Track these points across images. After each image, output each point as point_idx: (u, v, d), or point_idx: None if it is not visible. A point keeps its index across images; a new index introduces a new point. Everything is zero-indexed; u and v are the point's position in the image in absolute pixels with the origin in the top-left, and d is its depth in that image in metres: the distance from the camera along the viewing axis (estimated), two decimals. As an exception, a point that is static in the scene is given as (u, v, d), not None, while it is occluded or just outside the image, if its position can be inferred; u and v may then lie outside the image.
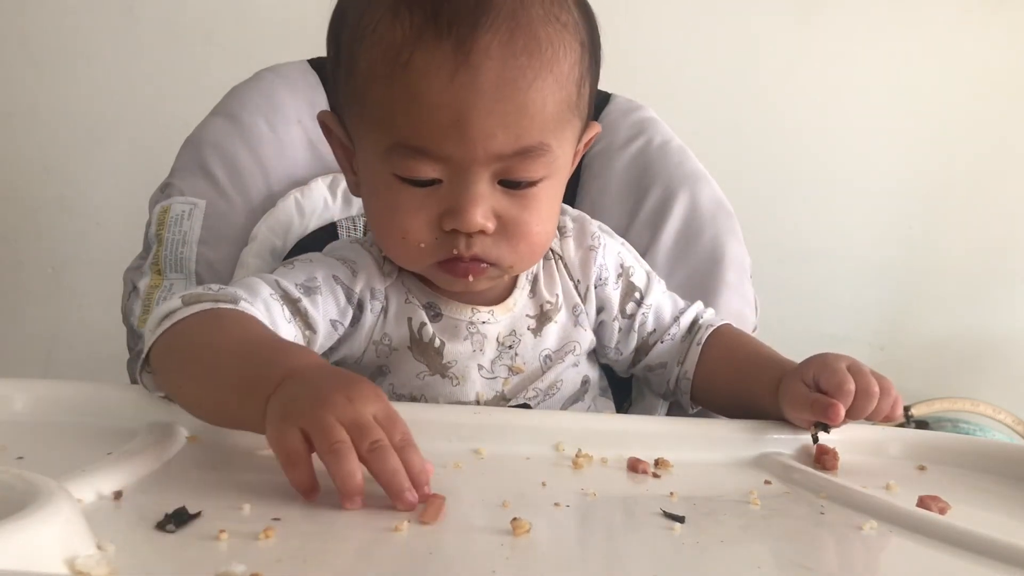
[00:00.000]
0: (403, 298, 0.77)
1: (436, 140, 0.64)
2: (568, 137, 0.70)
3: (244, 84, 0.98)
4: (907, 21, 1.79)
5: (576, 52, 0.67)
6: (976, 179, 1.85)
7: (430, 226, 0.68)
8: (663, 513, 0.52)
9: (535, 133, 0.66)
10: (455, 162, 0.65)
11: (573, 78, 0.67)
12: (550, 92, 0.65)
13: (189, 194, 0.90)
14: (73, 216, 1.64)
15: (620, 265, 0.84)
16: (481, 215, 0.67)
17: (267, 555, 0.40)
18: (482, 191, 0.67)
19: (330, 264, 0.75)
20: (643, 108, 1.05)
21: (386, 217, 0.71)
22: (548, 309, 0.80)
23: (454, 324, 0.77)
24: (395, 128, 0.66)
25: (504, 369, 0.78)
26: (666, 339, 0.83)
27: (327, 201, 0.94)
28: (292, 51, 1.04)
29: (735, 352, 0.81)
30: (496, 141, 0.64)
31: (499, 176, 0.67)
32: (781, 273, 1.74)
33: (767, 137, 1.79)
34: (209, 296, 0.63)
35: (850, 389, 0.67)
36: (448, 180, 0.67)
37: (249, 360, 0.57)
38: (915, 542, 0.51)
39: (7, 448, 0.53)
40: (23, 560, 0.32)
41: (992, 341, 1.88)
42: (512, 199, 0.68)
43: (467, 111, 0.63)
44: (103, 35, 1.61)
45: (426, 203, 0.68)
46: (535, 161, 0.67)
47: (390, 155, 0.67)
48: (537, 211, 0.70)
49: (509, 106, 0.64)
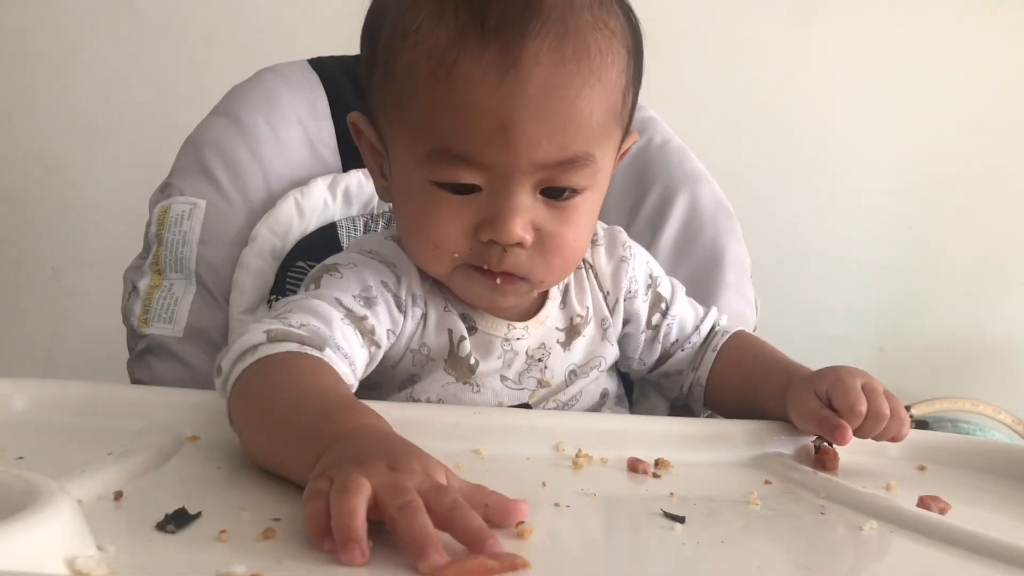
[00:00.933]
0: (442, 306, 0.74)
1: (480, 147, 0.62)
2: (610, 147, 0.68)
3: (244, 84, 0.98)
4: (907, 21, 1.78)
5: (623, 59, 0.65)
6: (976, 179, 1.85)
7: (466, 235, 0.66)
8: (663, 513, 0.52)
9: (581, 143, 0.63)
10: (497, 170, 0.63)
11: (620, 86, 0.65)
12: (598, 101, 0.63)
13: (189, 194, 0.90)
14: (73, 216, 1.64)
15: (649, 276, 0.83)
16: (521, 227, 0.64)
17: (267, 555, 0.40)
18: (523, 202, 0.64)
19: (376, 269, 0.72)
20: (643, 108, 1.05)
21: (421, 223, 0.68)
22: (578, 323, 0.78)
23: (488, 340, 0.74)
24: (437, 133, 0.63)
25: (533, 381, 0.76)
26: (686, 347, 0.83)
27: (327, 201, 0.94)
28: (292, 51, 1.04)
29: (746, 357, 0.81)
30: (541, 150, 0.62)
31: (541, 186, 0.65)
32: (781, 273, 1.74)
33: (767, 137, 1.78)
34: (295, 336, 0.61)
35: (861, 411, 0.66)
36: (488, 188, 0.64)
37: (310, 416, 0.53)
38: (915, 542, 0.51)
39: (7, 448, 0.53)
40: (23, 561, 0.32)
41: (992, 341, 1.88)
42: (552, 211, 0.66)
43: (513, 118, 0.61)
44: (103, 35, 1.61)
45: (463, 211, 0.65)
46: (579, 172, 0.65)
47: (430, 160, 0.64)
48: (576, 224, 0.67)
49: (556, 114, 0.61)
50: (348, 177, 0.95)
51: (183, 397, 0.65)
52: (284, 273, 0.91)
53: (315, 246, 0.93)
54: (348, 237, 0.95)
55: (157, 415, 0.61)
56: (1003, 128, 1.83)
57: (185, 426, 0.60)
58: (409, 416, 0.65)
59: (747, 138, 1.77)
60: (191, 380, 0.84)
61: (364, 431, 0.50)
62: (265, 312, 0.89)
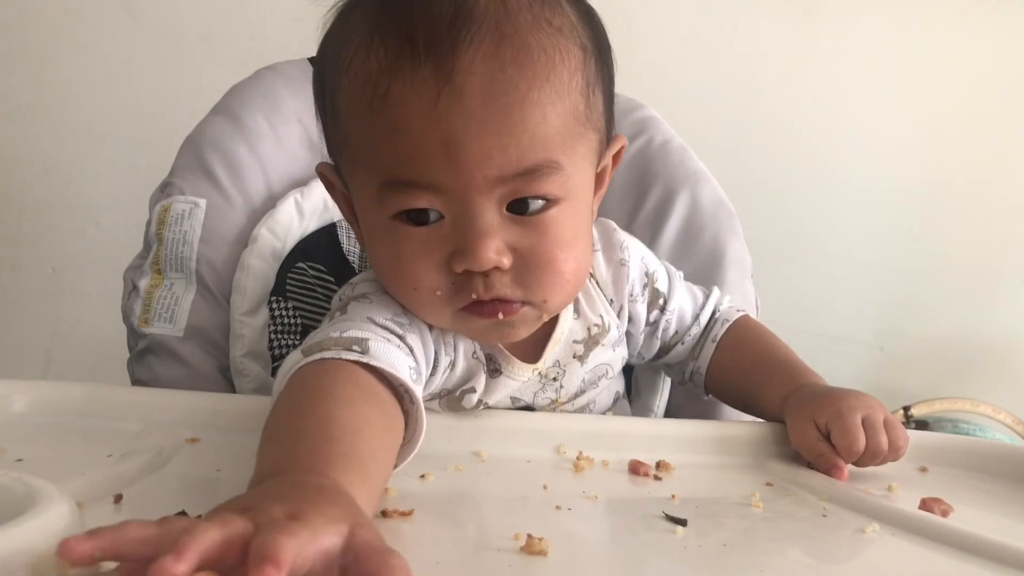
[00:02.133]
0: (471, 352, 0.70)
1: (427, 170, 0.58)
2: (582, 152, 0.63)
3: (244, 83, 0.98)
4: (907, 21, 1.78)
5: (577, 57, 0.61)
6: (976, 179, 1.85)
7: (440, 270, 0.61)
8: (665, 516, 0.52)
9: (539, 150, 0.58)
10: (453, 193, 0.59)
11: (576, 86, 0.60)
12: (550, 103, 0.58)
13: (190, 193, 0.90)
14: (73, 216, 1.64)
15: (645, 274, 0.80)
16: (493, 250, 0.59)
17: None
18: (489, 222, 0.59)
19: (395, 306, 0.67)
20: (644, 107, 1.05)
21: (392, 266, 0.63)
22: (596, 333, 0.75)
23: (508, 382, 0.71)
24: (384, 163, 0.59)
25: (547, 400, 0.74)
26: (687, 339, 0.82)
27: (327, 202, 0.94)
28: (292, 50, 1.04)
29: (745, 352, 0.80)
30: (493, 164, 0.57)
31: (506, 201, 0.60)
32: (781, 273, 1.74)
33: (768, 136, 1.78)
34: (331, 342, 0.57)
35: (859, 450, 0.65)
36: (449, 215, 0.60)
37: (283, 450, 0.47)
38: (917, 545, 0.51)
39: (7, 450, 0.53)
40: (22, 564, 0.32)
41: (992, 341, 1.88)
42: (526, 228, 0.61)
43: (455, 135, 0.56)
44: (103, 35, 1.61)
45: (430, 245, 0.60)
46: (544, 181, 0.59)
47: (383, 195, 0.60)
48: (556, 237, 0.61)
49: (503, 123, 0.57)
50: (348, 177, 0.95)
51: (183, 399, 0.65)
52: (284, 274, 0.91)
53: (315, 247, 0.93)
54: (348, 238, 0.95)
55: (157, 417, 0.61)
56: (1003, 128, 1.83)
57: (185, 428, 0.60)
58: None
59: (748, 137, 1.76)
60: (191, 379, 0.84)
61: (297, 477, 0.42)
62: (266, 313, 0.89)
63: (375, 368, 0.55)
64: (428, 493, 0.53)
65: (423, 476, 0.56)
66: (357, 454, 0.46)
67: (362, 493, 0.43)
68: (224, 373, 0.87)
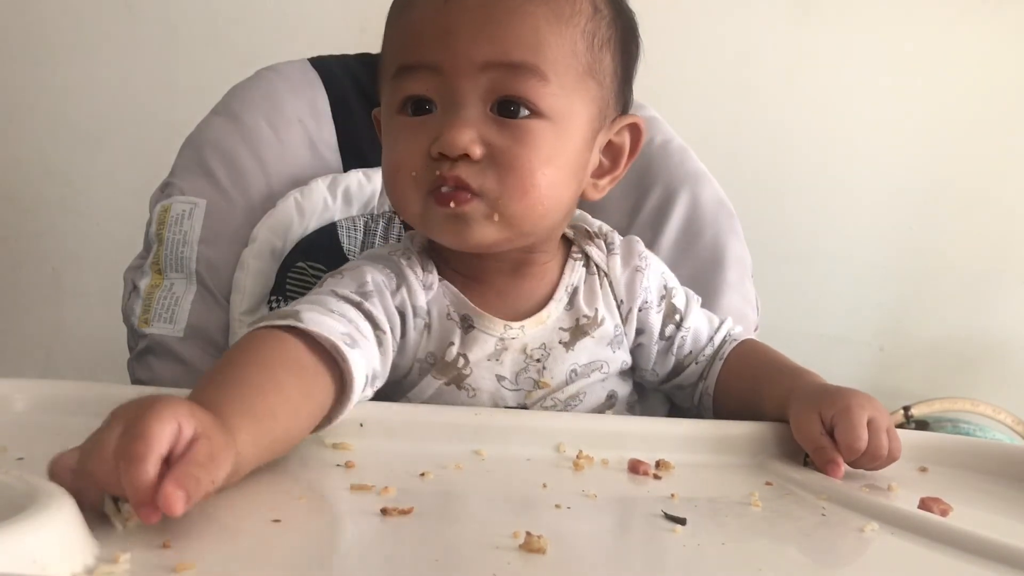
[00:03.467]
0: (444, 312, 0.75)
1: (426, 51, 0.67)
2: (578, 91, 0.69)
3: (244, 83, 0.98)
4: (907, 20, 1.78)
5: (586, 10, 0.69)
6: (976, 179, 1.84)
7: (421, 154, 0.68)
8: (664, 515, 0.52)
9: (525, 51, 0.66)
10: (445, 77, 0.67)
11: (580, 28, 0.69)
12: (544, 21, 0.67)
13: (190, 193, 0.90)
14: (73, 216, 1.64)
15: (663, 287, 0.83)
16: (467, 138, 0.66)
17: (267, 556, 0.40)
18: (470, 114, 0.67)
19: (378, 271, 0.73)
20: (644, 107, 1.05)
21: (388, 157, 0.72)
22: (584, 323, 0.78)
23: (482, 337, 0.74)
24: (396, 53, 0.70)
25: (530, 382, 0.76)
26: (700, 360, 0.83)
27: (327, 201, 0.94)
28: (292, 51, 1.04)
29: (750, 364, 0.81)
30: (482, 48, 0.66)
31: (490, 98, 0.67)
32: (781, 273, 1.73)
33: (768, 136, 1.78)
34: (271, 315, 0.61)
35: (860, 449, 0.65)
36: (441, 106, 0.68)
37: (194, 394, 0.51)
38: (916, 544, 0.51)
39: (7, 449, 0.53)
40: (24, 562, 0.32)
41: (992, 341, 1.88)
42: (504, 129, 0.67)
43: (455, 23, 0.66)
44: (103, 35, 1.61)
45: (420, 132, 0.68)
46: (525, 81, 0.67)
47: (395, 84, 0.70)
48: (530, 146, 0.67)
49: (495, 19, 0.66)
50: (348, 177, 0.95)
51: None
52: (284, 274, 0.91)
53: (315, 246, 0.93)
54: (348, 237, 0.95)
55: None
56: (1003, 128, 1.83)
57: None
58: (410, 417, 0.65)
59: (748, 138, 1.76)
60: (192, 379, 0.83)
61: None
62: (266, 312, 0.89)
63: (306, 334, 0.58)
64: (428, 491, 0.54)
65: (423, 474, 0.56)
66: (254, 410, 0.51)
67: (248, 439, 0.47)
68: (224, 373, 0.87)
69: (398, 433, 0.63)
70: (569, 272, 0.80)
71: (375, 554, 0.42)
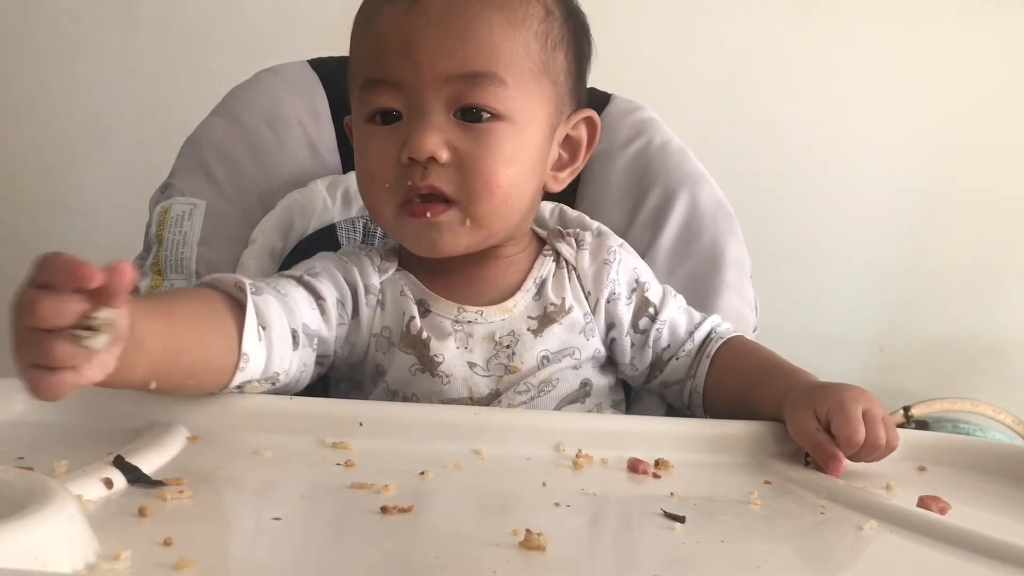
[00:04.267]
0: (398, 291, 0.79)
1: (391, 66, 0.71)
2: (533, 90, 0.74)
3: (244, 85, 0.98)
4: (907, 21, 1.78)
5: (538, 13, 0.74)
6: (976, 179, 1.84)
7: (392, 162, 0.72)
8: (663, 513, 0.52)
9: (483, 61, 0.71)
10: (409, 89, 0.71)
11: (533, 30, 0.73)
12: (499, 27, 0.71)
13: (189, 194, 0.90)
14: (73, 217, 1.64)
15: (635, 280, 0.84)
16: (433, 143, 0.70)
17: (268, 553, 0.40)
18: (435, 120, 0.71)
19: (328, 257, 0.80)
20: (643, 108, 1.05)
21: (361, 165, 0.76)
22: (552, 311, 0.80)
23: (440, 321, 0.78)
24: (362, 67, 0.74)
25: (500, 367, 0.78)
26: (680, 355, 0.83)
27: (327, 202, 0.94)
28: (292, 51, 1.04)
29: (742, 362, 0.81)
30: (443, 63, 0.70)
31: (453, 105, 0.71)
32: (781, 273, 1.73)
33: (767, 137, 1.78)
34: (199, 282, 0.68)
35: (858, 442, 0.65)
36: (407, 114, 0.72)
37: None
38: (915, 542, 0.51)
39: (7, 448, 0.53)
40: (26, 559, 0.32)
41: (992, 341, 1.88)
42: (467, 133, 0.71)
43: (416, 36, 0.70)
44: (103, 35, 1.61)
45: (389, 141, 0.72)
46: (486, 90, 0.71)
47: (362, 97, 0.74)
48: (493, 148, 0.72)
49: (455, 32, 0.70)
50: (348, 178, 0.95)
51: (182, 397, 0.65)
52: (284, 274, 0.91)
53: (315, 248, 0.92)
54: (347, 239, 0.95)
55: (157, 415, 0.61)
56: (1003, 128, 1.83)
57: (185, 426, 0.60)
58: (410, 416, 0.65)
59: (747, 138, 1.76)
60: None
61: None
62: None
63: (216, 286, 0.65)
64: (428, 490, 0.54)
65: (423, 473, 0.56)
66: (160, 305, 0.58)
67: (143, 317, 0.51)
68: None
69: (398, 432, 0.63)
70: (539, 266, 0.83)
71: (375, 552, 0.42)
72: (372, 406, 0.65)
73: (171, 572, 0.36)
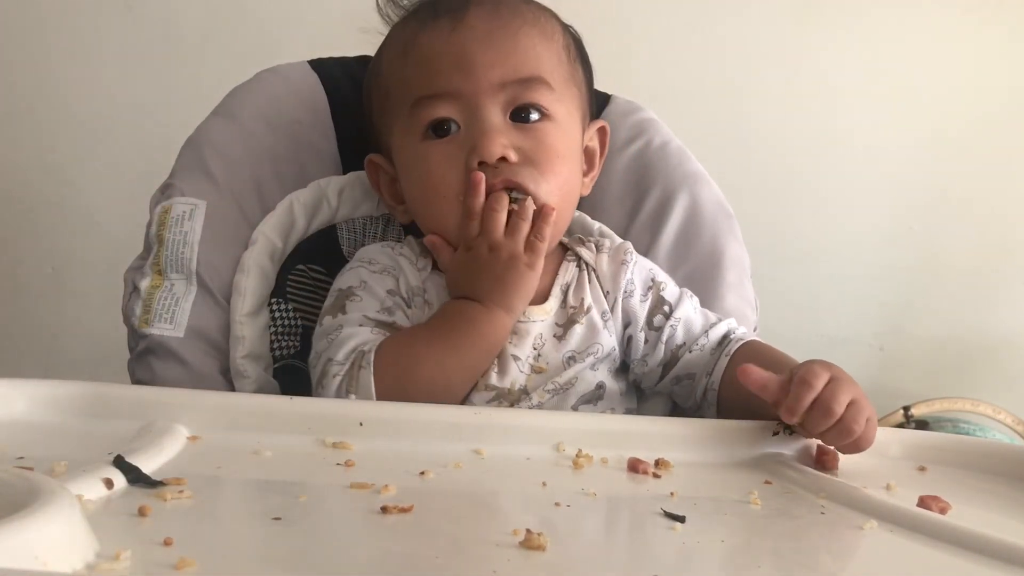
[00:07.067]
0: (443, 286, 0.82)
1: (446, 81, 0.76)
2: (570, 95, 0.81)
3: (244, 85, 0.98)
4: (907, 21, 1.78)
5: (559, 30, 0.82)
6: (977, 180, 1.84)
7: (459, 170, 0.76)
8: (664, 513, 0.52)
9: (531, 66, 0.78)
10: (466, 99, 0.76)
11: (559, 42, 0.81)
12: (539, 40, 0.79)
13: (190, 195, 0.90)
14: (73, 216, 1.64)
15: (651, 279, 0.87)
16: (502, 143, 0.75)
17: (268, 554, 0.40)
18: (496, 123, 0.76)
19: (381, 280, 0.82)
20: (642, 109, 1.05)
21: (424, 183, 0.79)
22: (573, 313, 0.83)
23: None
24: (412, 89, 0.78)
25: (529, 367, 0.80)
26: (695, 349, 0.84)
27: (327, 203, 0.94)
28: (292, 51, 1.04)
29: (759, 360, 0.80)
30: (496, 71, 0.76)
31: (508, 107, 0.77)
32: (781, 273, 1.73)
33: (767, 137, 1.78)
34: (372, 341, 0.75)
35: (813, 384, 0.65)
36: (464, 124, 0.77)
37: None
38: (915, 542, 0.51)
39: (7, 448, 0.53)
40: (26, 559, 0.32)
41: (992, 341, 1.88)
42: (524, 133, 0.77)
43: (467, 51, 0.76)
44: (102, 35, 1.61)
45: (451, 151, 0.77)
46: (537, 91, 0.78)
47: (413, 113, 0.78)
48: (551, 145, 0.78)
49: (501, 45, 0.77)
50: (348, 179, 0.95)
51: (183, 397, 0.65)
52: (285, 276, 0.91)
53: (315, 248, 0.93)
54: (347, 240, 0.95)
55: (157, 415, 0.61)
56: (1004, 128, 1.83)
57: (185, 426, 0.60)
58: (410, 416, 0.65)
59: (747, 139, 1.76)
60: (192, 381, 0.84)
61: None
62: (266, 315, 0.89)
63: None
64: (428, 490, 0.54)
65: (423, 473, 0.56)
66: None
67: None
68: (225, 375, 0.87)
69: (398, 432, 0.63)
70: (563, 272, 0.85)
71: (375, 552, 0.42)
72: (372, 406, 0.65)
73: (171, 572, 0.36)
